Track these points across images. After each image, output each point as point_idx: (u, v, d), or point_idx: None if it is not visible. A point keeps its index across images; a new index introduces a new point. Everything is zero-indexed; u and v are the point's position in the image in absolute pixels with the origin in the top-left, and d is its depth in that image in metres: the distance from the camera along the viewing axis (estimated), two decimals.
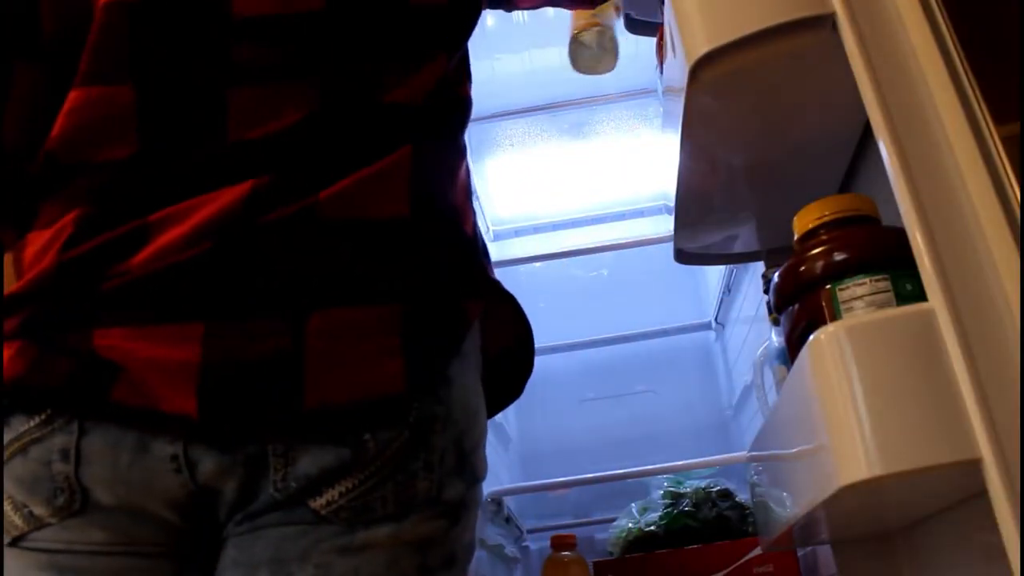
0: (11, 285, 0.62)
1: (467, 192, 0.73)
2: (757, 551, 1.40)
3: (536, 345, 0.74)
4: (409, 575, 0.60)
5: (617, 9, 1.23)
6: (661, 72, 0.89)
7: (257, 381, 0.57)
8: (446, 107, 0.71)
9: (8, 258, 0.66)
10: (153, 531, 0.60)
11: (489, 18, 1.73)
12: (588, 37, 1.26)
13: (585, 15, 1.24)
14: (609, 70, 1.31)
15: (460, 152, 0.73)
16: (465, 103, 0.74)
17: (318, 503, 0.59)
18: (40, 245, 0.62)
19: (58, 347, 0.58)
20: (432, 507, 0.62)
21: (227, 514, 0.60)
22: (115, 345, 0.57)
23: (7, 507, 0.60)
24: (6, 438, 0.59)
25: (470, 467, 0.66)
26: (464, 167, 0.74)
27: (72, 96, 0.64)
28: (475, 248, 0.70)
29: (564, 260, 2.08)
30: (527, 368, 0.75)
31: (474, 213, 0.74)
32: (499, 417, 1.89)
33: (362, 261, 0.61)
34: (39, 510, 0.59)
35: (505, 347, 0.73)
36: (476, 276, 0.69)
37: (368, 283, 0.61)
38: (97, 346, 0.57)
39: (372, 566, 0.59)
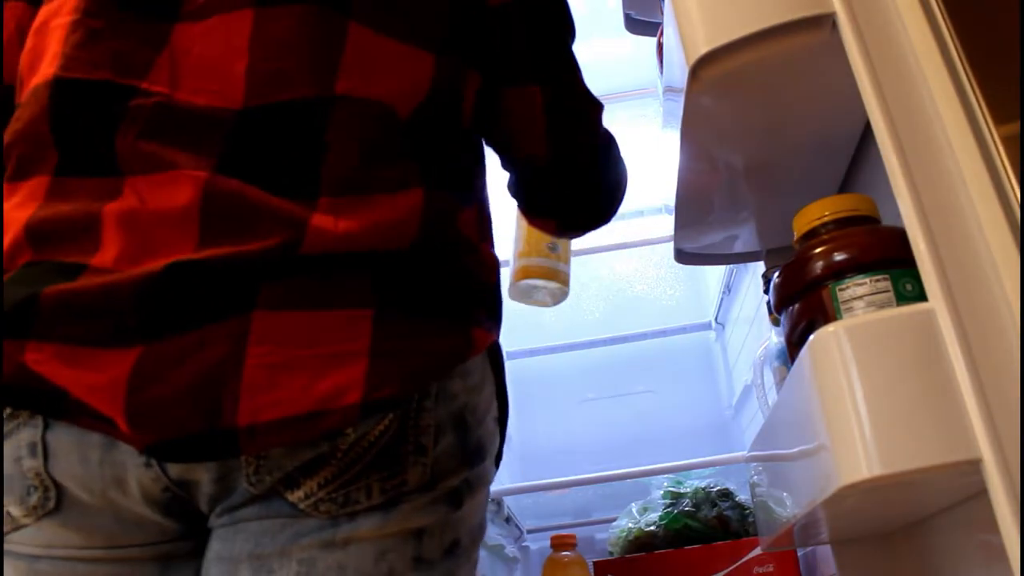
0: None
1: (480, 225, 0.67)
2: (757, 551, 1.40)
3: (536, 345, 0.74)
4: (401, 569, 0.56)
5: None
6: (661, 72, 0.89)
7: (186, 402, 0.52)
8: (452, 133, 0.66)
9: None
10: (135, 531, 0.57)
11: None
12: (524, 287, 1.09)
13: (535, 243, 1.07)
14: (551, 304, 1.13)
15: (476, 184, 0.69)
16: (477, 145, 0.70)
17: (296, 496, 0.54)
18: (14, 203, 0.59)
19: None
20: (427, 494, 0.57)
21: (208, 506, 0.57)
22: (44, 360, 0.53)
23: None
24: None
25: (474, 443, 0.60)
26: (480, 203, 0.68)
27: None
28: (484, 290, 0.64)
29: None
30: (503, 429, 0.69)
31: (494, 258, 0.67)
32: None
33: (336, 275, 0.56)
34: (14, 510, 0.56)
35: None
36: (483, 310, 0.63)
37: (335, 289, 0.55)
38: (27, 359, 0.53)
39: (358, 561, 0.54)
